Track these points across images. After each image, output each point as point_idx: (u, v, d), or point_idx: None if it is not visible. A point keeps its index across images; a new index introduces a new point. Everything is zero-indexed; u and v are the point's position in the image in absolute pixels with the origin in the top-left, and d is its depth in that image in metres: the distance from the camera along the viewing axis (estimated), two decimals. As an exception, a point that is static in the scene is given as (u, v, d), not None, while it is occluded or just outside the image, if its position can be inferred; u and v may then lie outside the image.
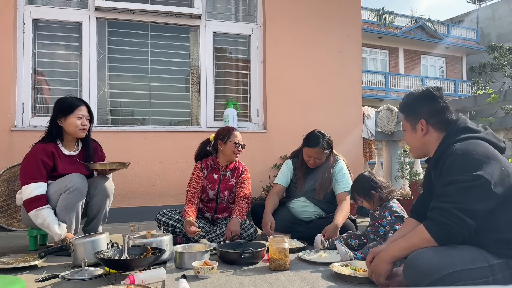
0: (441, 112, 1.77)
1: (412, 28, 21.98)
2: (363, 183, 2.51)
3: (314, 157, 2.93)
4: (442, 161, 1.66)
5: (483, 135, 1.68)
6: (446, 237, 1.54)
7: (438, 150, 1.74)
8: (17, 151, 3.57)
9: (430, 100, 1.78)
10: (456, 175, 1.56)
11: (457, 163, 1.58)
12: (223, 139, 2.93)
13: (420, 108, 1.79)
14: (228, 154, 2.94)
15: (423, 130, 1.78)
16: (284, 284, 1.90)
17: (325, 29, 4.59)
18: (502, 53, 19.44)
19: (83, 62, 4.05)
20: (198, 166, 3.00)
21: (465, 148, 1.60)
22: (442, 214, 1.55)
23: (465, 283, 1.46)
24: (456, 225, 1.51)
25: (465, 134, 1.67)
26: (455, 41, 22.78)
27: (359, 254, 2.28)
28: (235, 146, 2.92)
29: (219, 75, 4.53)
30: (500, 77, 20.35)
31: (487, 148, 1.61)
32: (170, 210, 2.96)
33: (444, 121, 1.76)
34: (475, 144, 1.61)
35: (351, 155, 4.33)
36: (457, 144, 1.63)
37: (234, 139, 2.92)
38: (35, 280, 2.00)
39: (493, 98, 3.50)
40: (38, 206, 2.47)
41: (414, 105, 1.82)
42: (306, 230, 2.84)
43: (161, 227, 2.84)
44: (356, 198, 2.56)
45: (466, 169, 1.55)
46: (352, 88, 4.66)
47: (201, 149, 3.09)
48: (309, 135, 2.97)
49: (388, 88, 20.76)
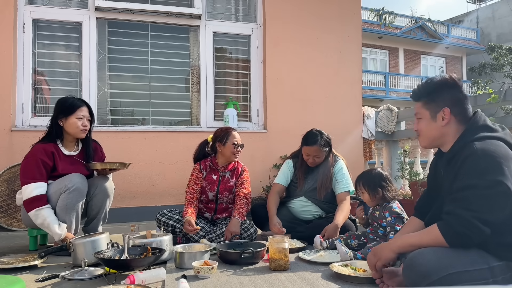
0: (463, 102, 1.69)
1: (412, 28, 21.98)
2: (374, 177, 2.48)
3: (313, 155, 2.93)
4: (460, 160, 1.57)
5: (502, 135, 1.61)
6: (460, 243, 1.52)
7: (455, 146, 1.65)
8: (17, 151, 3.57)
9: (453, 88, 1.69)
10: (476, 179, 1.49)
11: (478, 165, 1.51)
12: (222, 140, 2.91)
13: (444, 95, 1.69)
14: (227, 155, 2.93)
15: (444, 120, 1.68)
16: (284, 284, 1.90)
17: (325, 29, 4.59)
18: (502, 53, 19.43)
19: (83, 62, 4.05)
20: (197, 167, 2.99)
21: (486, 149, 1.52)
22: (462, 223, 1.49)
23: (465, 284, 1.45)
24: (474, 235, 1.48)
25: (485, 133, 1.60)
26: (455, 41, 22.78)
27: (359, 254, 2.28)
28: (234, 147, 2.90)
29: (219, 75, 4.53)
30: (500, 77, 20.34)
31: (507, 150, 1.55)
32: (170, 210, 2.96)
33: (465, 112, 1.68)
34: (495, 145, 1.54)
35: (351, 155, 4.34)
36: (478, 143, 1.55)
37: (233, 140, 2.91)
38: (35, 280, 2.00)
39: (493, 98, 3.50)
40: (38, 206, 2.47)
41: (437, 92, 1.71)
42: (306, 230, 2.83)
43: (161, 227, 2.85)
44: (360, 189, 2.52)
45: (487, 172, 1.48)
46: (352, 88, 4.67)
47: (199, 150, 3.07)
48: (307, 134, 2.97)
49: (388, 88, 20.76)
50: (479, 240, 1.50)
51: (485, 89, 16.39)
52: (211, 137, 3.02)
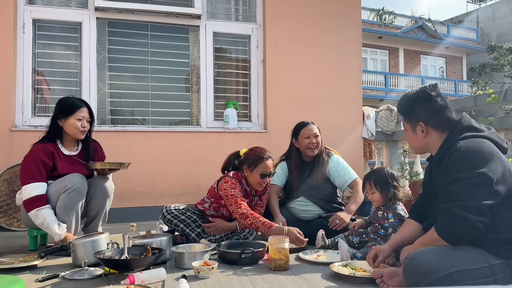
0: (440, 112, 1.74)
1: (412, 28, 21.99)
2: (386, 176, 2.44)
3: (313, 134, 2.99)
4: (446, 158, 1.64)
5: (487, 134, 1.67)
6: (453, 237, 1.54)
7: (442, 148, 1.72)
8: (17, 151, 3.56)
9: (426, 101, 1.76)
10: (460, 173, 1.55)
11: (461, 161, 1.57)
12: (250, 166, 2.66)
13: (417, 110, 1.77)
14: (252, 183, 2.71)
15: (423, 132, 1.77)
16: (284, 284, 1.90)
17: (325, 29, 4.59)
18: (502, 53, 19.44)
19: (83, 62, 4.05)
20: (236, 182, 2.65)
21: (469, 146, 1.58)
22: (446, 214, 1.54)
23: (465, 283, 1.46)
24: (458, 225, 1.50)
25: (469, 133, 1.66)
26: (455, 41, 22.78)
27: (359, 254, 2.27)
28: (260, 177, 2.64)
29: (219, 75, 4.53)
30: (500, 77, 20.34)
31: (491, 147, 1.60)
32: (177, 208, 2.79)
33: (444, 121, 1.74)
34: (479, 142, 1.60)
35: (351, 155, 4.34)
36: (461, 141, 1.61)
37: (262, 170, 2.64)
38: (35, 280, 2.00)
39: (493, 98, 3.50)
40: (38, 206, 2.47)
41: (411, 107, 1.80)
42: (306, 230, 2.82)
43: (171, 222, 2.74)
44: (369, 188, 2.47)
45: (469, 166, 1.53)
46: (352, 88, 4.66)
47: (228, 162, 2.87)
48: (297, 124, 3.11)
49: (388, 88, 20.76)
50: (468, 229, 1.50)
51: (485, 89, 16.38)
52: (244, 152, 2.81)
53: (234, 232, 2.76)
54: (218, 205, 2.80)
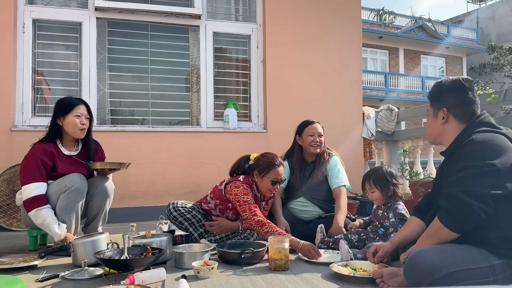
0: (467, 104, 1.77)
1: (412, 28, 21.98)
2: (385, 175, 2.45)
3: (317, 133, 3.01)
4: (460, 148, 1.66)
5: (505, 131, 1.69)
6: (454, 222, 1.55)
7: (456, 140, 1.74)
8: (17, 151, 3.56)
9: (458, 90, 1.79)
10: (469, 162, 1.57)
11: (473, 150, 1.59)
12: (261, 172, 2.62)
13: (445, 96, 1.82)
14: (262, 189, 2.68)
15: (444, 118, 1.80)
16: (284, 284, 1.90)
17: (325, 29, 4.59)
18: (502, 53, 19.43)
19: (83, 62, 4.05)
20: (247, 188, 2.60)
21: (485, 138, 1.61)
22: (449, 199, 1.56)
23: (466, 283, 1.46)
24: (460, 209, 1.51)
25: (487, 128, 1.69)
26: (455, 41, 22.78)
27: (359, 254, 2.27)
28: (271, 183, 2.61)
29: (219, 75, 4.53)
30: (500, 77, 20.33)
31: (506, 142, 1.61)
32: (183, 206, 2.76)
33: (467, 113, 1.77)
34: (494, 136, 1.62)
35: (351, 155, 4.34)
36: (478, 134, 1.64)
37: (273, 177, 2.60)
38: (35, 280, 2.00)
39: (493, 98, 3.50)
40: (38, 206, 2.47)
41: (441, 93, 1.84)
42: (306, 230, 2.83)
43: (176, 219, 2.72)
44: (369, 187, 2.47)
45: (481, 156, 1.55)
46: (352, 88, 4.66)
47: (238, 165, 2.80)
48: (302, 122, 3.14)
49: (388, 88, 20.76)
50: (470, 215, 1.50)
51: (485, 89, 16.36)
52: (255, 157, 2.75)
53: (235, 232, 2.76)
54: (224, 207, 2.77)
